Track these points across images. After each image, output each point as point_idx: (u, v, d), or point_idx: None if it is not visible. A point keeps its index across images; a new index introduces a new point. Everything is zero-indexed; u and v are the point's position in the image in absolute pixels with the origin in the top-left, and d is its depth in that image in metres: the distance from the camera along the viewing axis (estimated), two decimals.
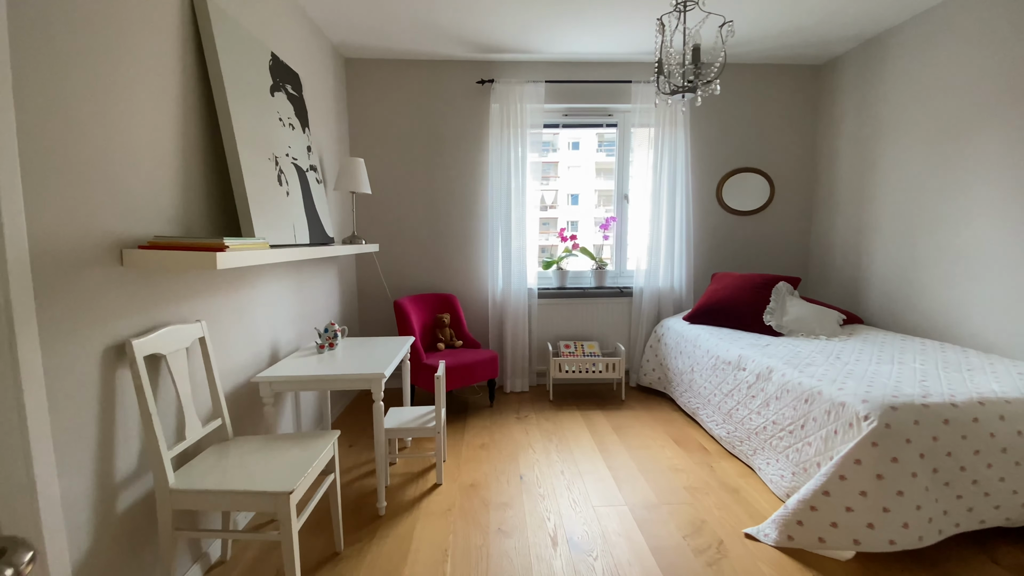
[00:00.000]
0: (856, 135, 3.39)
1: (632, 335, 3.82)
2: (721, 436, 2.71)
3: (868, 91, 3.27)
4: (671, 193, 3.66)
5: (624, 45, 3.34)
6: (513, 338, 3.63)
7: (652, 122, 3.62)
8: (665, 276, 3.72)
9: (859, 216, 3.38)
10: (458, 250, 3.71)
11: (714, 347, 2.87)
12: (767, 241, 3.90)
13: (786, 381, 2.23)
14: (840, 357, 2.42)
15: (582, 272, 3.91)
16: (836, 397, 1.94)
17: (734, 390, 2.61)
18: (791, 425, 2.15)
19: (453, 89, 3.58)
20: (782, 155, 3.83)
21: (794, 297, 3.20)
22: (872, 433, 1.73)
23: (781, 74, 3.74)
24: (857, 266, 3.41)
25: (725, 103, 3.75)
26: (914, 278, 2.95)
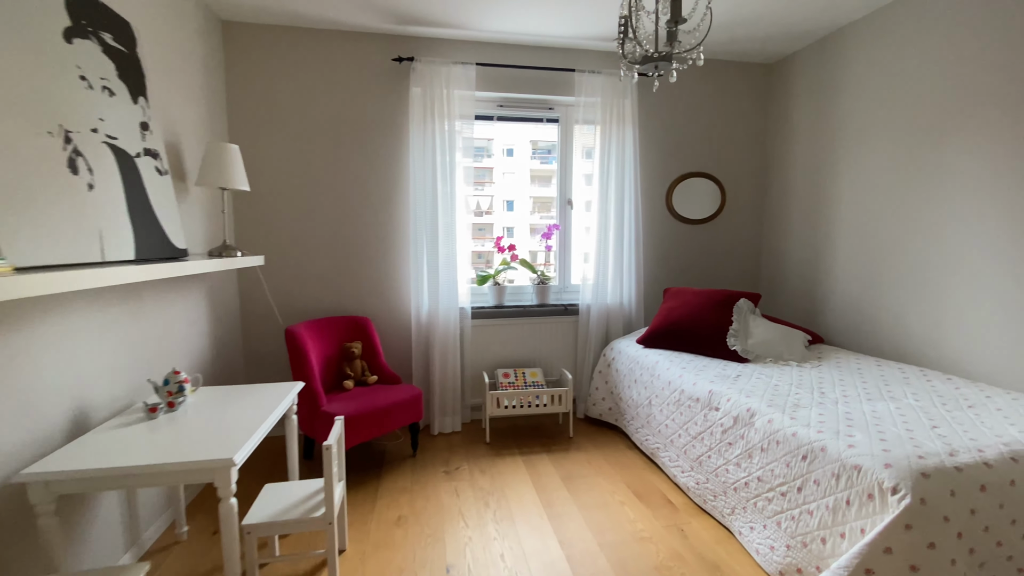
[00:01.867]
0: (811, 140, 3.14)
1: (579, 359, 3.35)
2: (689, 486, 2.27)
3: (824, 93, 3.03)
4: (619, 199, 3.24)
5: (568, 27, 2.88)
6: (442, 368, 3.03)
7: (597, 119, 3.18)
8: (614, 291, 3.29)
9: (816, 226, 3.13)
10: (373, 263, 3.05)
11: (677, 379, 2.45)
12: (719, 252, 3.59)
13: (775, 430, 1.81)
14: (825, 393, 2.06)
15: (522, 287, 3.39)
16: (847, 457, 1.53)
17: (704, 433, 2.19)
18: (783, 486, 1.74)
19: (364, 67, 2.94)
20: (733, 160, 3.54)
21: (756, 316, 2.87)
22: (906, 513, 1.32)
23: (730, 72, 3.45)
24: (815, 280, 3.16)
25: (674, 101, 3.40)
26: (879, 294, 2.71)
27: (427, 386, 3.11)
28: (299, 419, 2.53)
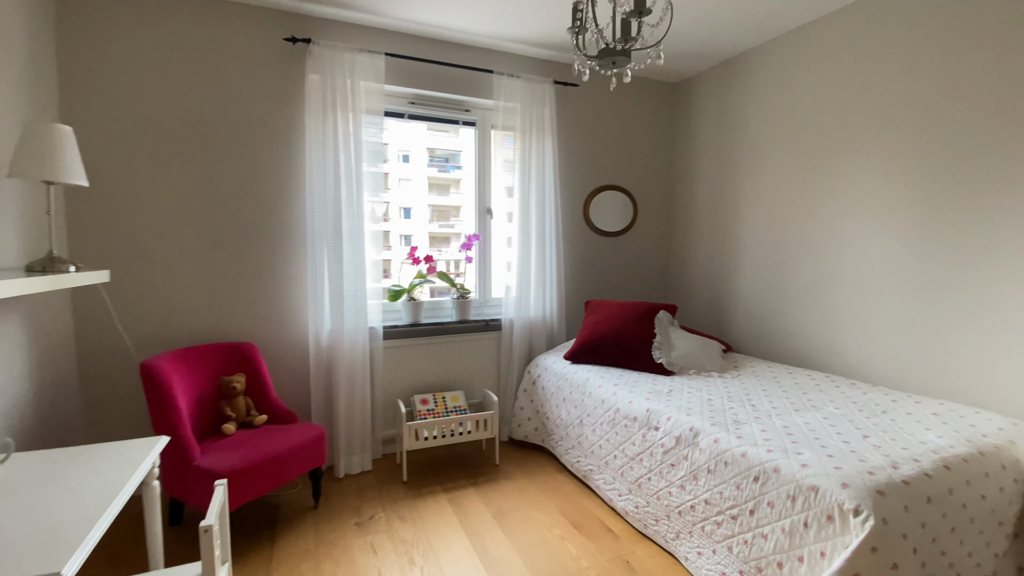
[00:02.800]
0: (716, 157, 3.29)
1: (503, 379, 3.13)
2: (627, 511, 2.16)
3: (727, 113, 3.19)
4: (540, 209, 3.10)
5: (486, 24, 2.68)
6: (348, 400, 2.62)
7: (517, 125, 3.02)
8: (537, 304, 3.14)
9: (722, 240, 3.27)
10: (259, 279, 2.56)
11: (611, 396, 2.34)
12: (632, 264, 3.63)
13: (723, 450, 1.75)
14: (756, 406, 2.07)
15: (440, 303, 3.09)
16: (803, 478, 1.49)
17: (643, 454, 2.09)
18: (734, 508, 1.67)
19: (248, 45, 2.47)
20: (644, 174, 3.60)
21: (675, 328, 2.89)
22: (872, 535, 1.28)
23: (640, 88, 3.52)
24: (721, 291, 3.29)
25: (589, 113, 3.37)
26: (782, 303, 2.87)
27: (330, 422, 2.67)
28: (163, 477, 1.98)
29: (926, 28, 2.15)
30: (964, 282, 2.06)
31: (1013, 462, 1.62)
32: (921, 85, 2.18)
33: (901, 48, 2.24)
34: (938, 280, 2.14)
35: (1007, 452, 1.63)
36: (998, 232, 1.95)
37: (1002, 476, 1.58)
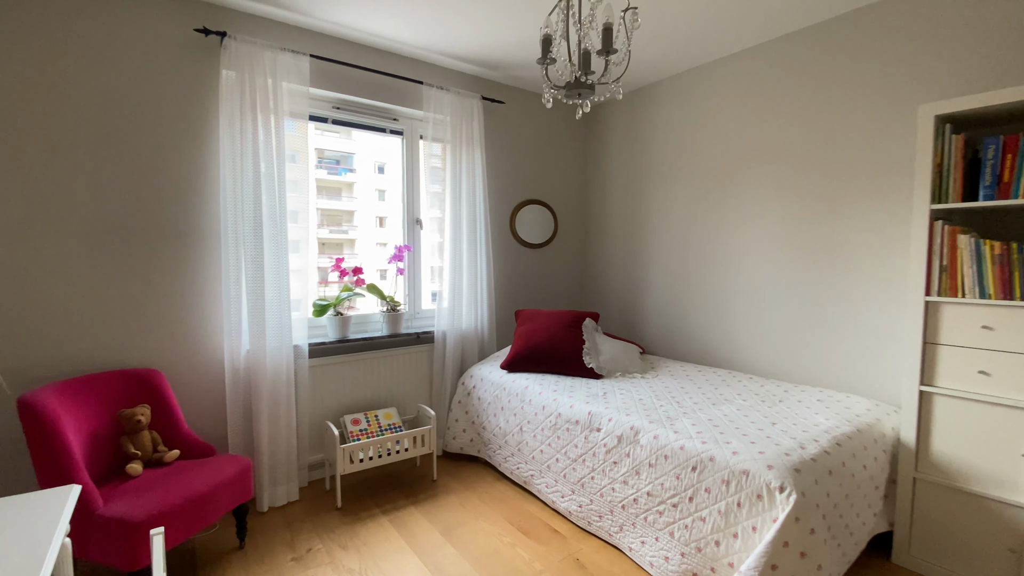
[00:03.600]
0: (627, 177, 3.59)
1: (436, 392, 3.09)
2: (571, 511, 2.26)
3: (636, 138, 3.50)
4: (471, 220, 3.14)
5: (416, 35, 2.67)
6: (271, 425, 2.40)
7: (447, 137, 3.03)
8: (469, 316, 3.15)
9: (634, 252, 3.56)
10: (163, 294, 2.26)
11: (552, 402, 2.44)
12: (554, 274, 3.80)
13: (662, 445, 1.92)
14: (681, 403, 2.30)
15: (369, 316, 2.97)
16: (735, 464, 1.70)
17: (586, 455, 2.21)
18: (675, 497, 1.85)
19: (152, 33, 2.19)
20: (563, 190, 3.81)
21: (600, 334, 3.10)
22: (796, 507, 1.51)
23: (557, 110, 3.73)
24: (633, 297, 3.58)
25: (513, 130, 3.49)
26: (687, 308, 3.21)
27: (250, 451, 2.43)
28: None
29: (795, 76, 2.58)
30: (833, 291, 2.49)
31: (880, 436, 2.00)
32: (793, 123, 2.60)
33: (777, 91, 2.66)
34: (814, 289, 2.57)
35: (876, 428, 2.01)
36: (855, 251, 2.40)
37: (875, 448, 1.94)
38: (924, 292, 1.90)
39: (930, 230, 1.87)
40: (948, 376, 1.87)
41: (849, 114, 2.40)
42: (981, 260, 1.75)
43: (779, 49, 2.66)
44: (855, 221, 2.40)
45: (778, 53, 2.66)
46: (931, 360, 1.91)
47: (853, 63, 2.38)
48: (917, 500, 1.94)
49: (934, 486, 1.90)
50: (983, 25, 1.99)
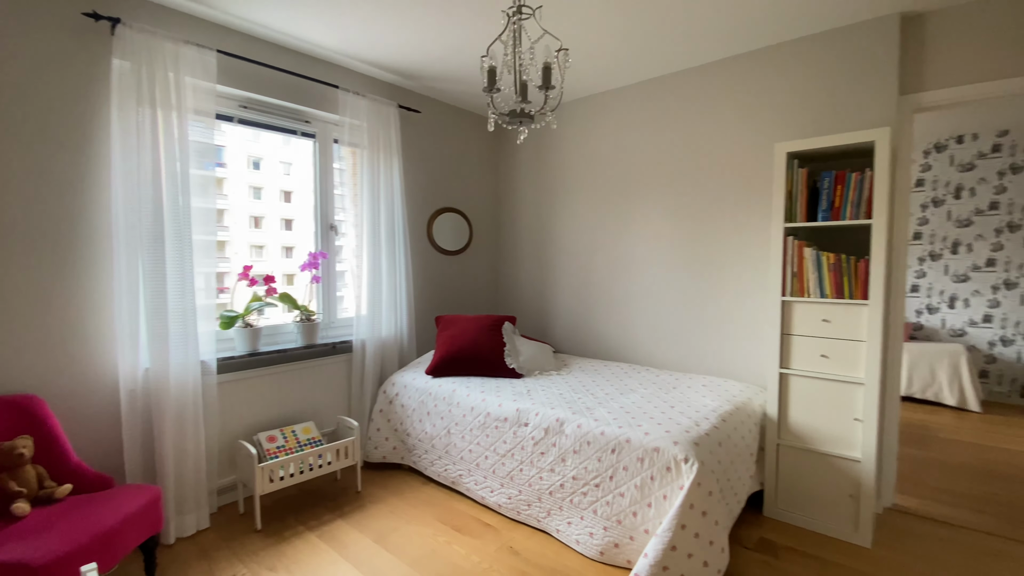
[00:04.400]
0: (535, 189, 3.85)
1: (356, 402, 3.04)
2: (501, 503, 2.40)
3: (543, 152, 3.78)
4: (390, 227, 3.14)
5: (331, 38, 2.64)
6: (177, 449, 2.20)
7: (364, 143, 3.01)
8: (389, 323, 3.15)
9: (544, 258, 3.83)
10: (45, 306, 1.97)
11: (480, 403, 2.56)
12: (470, 280, 3.93)
13: (585, 432, 2.15)
14: (595, 394, 2.57)
15: (281, 327, 2.83)
16: (647, 443, 1.97)
17: (515, 449, 2.37)
18: (597, 478, 2.08)
19: (30, 13, 1.90)
20: (476, 199, 3.96)
21: (518, 336, 3.29)
22: (698, 475, 1.81)
23: (470, 121, 3.87)
24: (543, 301, 3.84)
25: (429, 139, 3.56)
26: (592, 309, 3.54)
27: (152, 478, 2.20)
28: None
29: (682, 108, 3.02)
30: (712, 293, 2.95)
31: (752, 411, 2.43)
32: (680, 148, 3.04)
33: (668, 120, 3.09)
34: (697, 292, 3.01)
35: (749, 405, 2.44)
36: (729, 260, 2.87)
37: (749, 422, 2.36)
38: (780, 293, 2.36)
39: (784, 244, 2.34)
40: (799, 360, 2.34)
41: (724, 144, 2.87)
42: (821, 268, 2.24)
43: (669, 84, 3.08)
44: (729, 235, 2.87)
45: (668, 87, 3.09)
46: (787, 348, 2.38)
47: (727, 101, 2.85)
48: (780, 462, 2.40)
49: (792, 449, 2.37)
50: (823, 80, 2.54)
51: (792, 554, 2.12)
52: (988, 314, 4.61)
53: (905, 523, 2.37)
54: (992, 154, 4.53)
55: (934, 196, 4.83)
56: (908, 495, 2.66)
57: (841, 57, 2.47)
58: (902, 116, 2.38)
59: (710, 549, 1.82)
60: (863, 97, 2.41)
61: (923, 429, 3.73)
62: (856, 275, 2.16)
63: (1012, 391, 4.51)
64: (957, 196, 4.71)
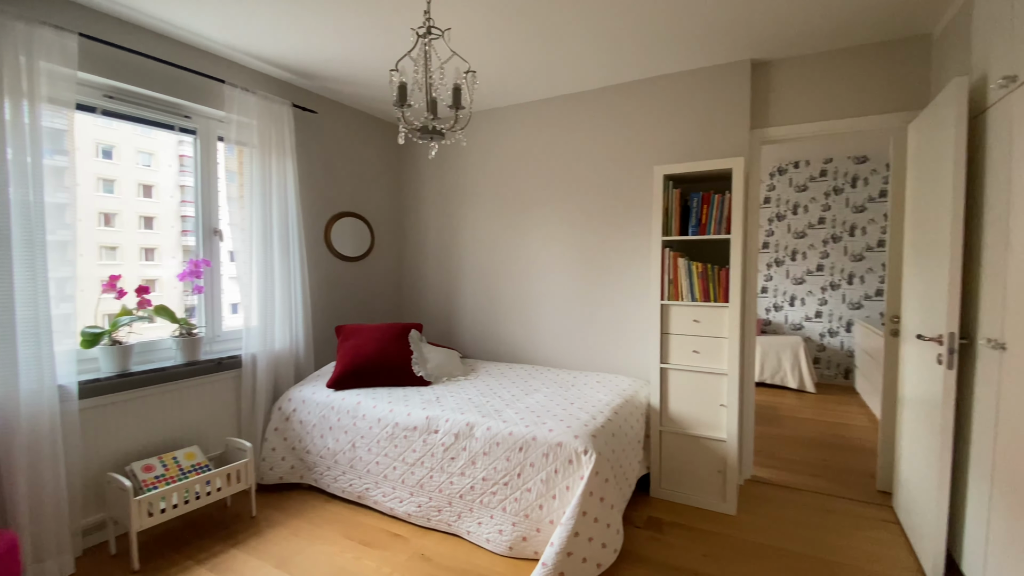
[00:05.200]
0: (440, 195, 3.89)
1: (246, 422, 2.83)
2: (411, 512, 2.41)
3: (447, 159, 3.84)
4: (283, 232, 2.98)
5: (221, 30, 2.47)
6: (33, 489, 1.89)
7: (255, 142, 2.83)
8: (283, 335, 2.98)
9: (449, 265, 3.88)
10: None
11: (388, 414, 2.54)
12: (372, 287, 3.85)
13: (494, 434, 2.24)
14: (503, 396, 2.68)
15: (157, 343, 2.55)
16: (551, 439, 2.12)
17: (425, 456, 2.39)
18: (506, 477, 2.18)
19: None
20: (378, 203, 3.89)
21: (425, 343, 3.30)
22: (596, 464, 2.00)
23: (371, 124, 3.81)
24: (449, 307, 3.90)
25: (328, 141, 3.44)
26: (498, 316, 3.68)
27: (4, 524, 1.87)
28: None
29: (577, 127, 3.27)
30: (604, 298, 3.23)
31: (639, 403, 2.71)
32: (576, 164, 3.29)
33: (565, 137, 3.32)
34: (591, 296, 3.28)
35: (636, 398, 2.72)
36: (618, 267, 3.17)
37: (636, 413, 2.63)
38: (660, 298, 2.67)
39: (662, 254, 2.65)
40: (676, 355, 2.67)
41: (613, 162, 3.17)
42: (691, 275, 2.58)
43: (564, 104, 3.32)
44: (618, 245, 3.17)
45: (563, 107, 3.32)
46: (666, 345, 2.70)
47: (613, 124, 3.15)
48: (663, 447, 2.71)
49: (672, 435, 2.69)
50: (694, 111, 2.91)
51: (675, 528, 2.41)
52: (819, 311, 5.58)
53: (761, 491, 2.80)
54: (820, 178, 5.50)
55: (777, 212, 5.73)
56: (763, 467, 3.14)
57: (708, 93, 2.86)
58: (753, 147, 2.82)
59: (607, 531, 2.01)
60: (724, 129, 2.82)
61: (773, 409, 4.41)
62: (719, 282, 2.53)
63: (837, 374, 5.49)
64: (795, 212, 5.63)
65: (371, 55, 2.73)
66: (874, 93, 2.58)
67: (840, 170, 5.40)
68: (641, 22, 2.36)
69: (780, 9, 2.25)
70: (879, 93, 2.57)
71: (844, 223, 5.41)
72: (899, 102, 2.53)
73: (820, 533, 2.36)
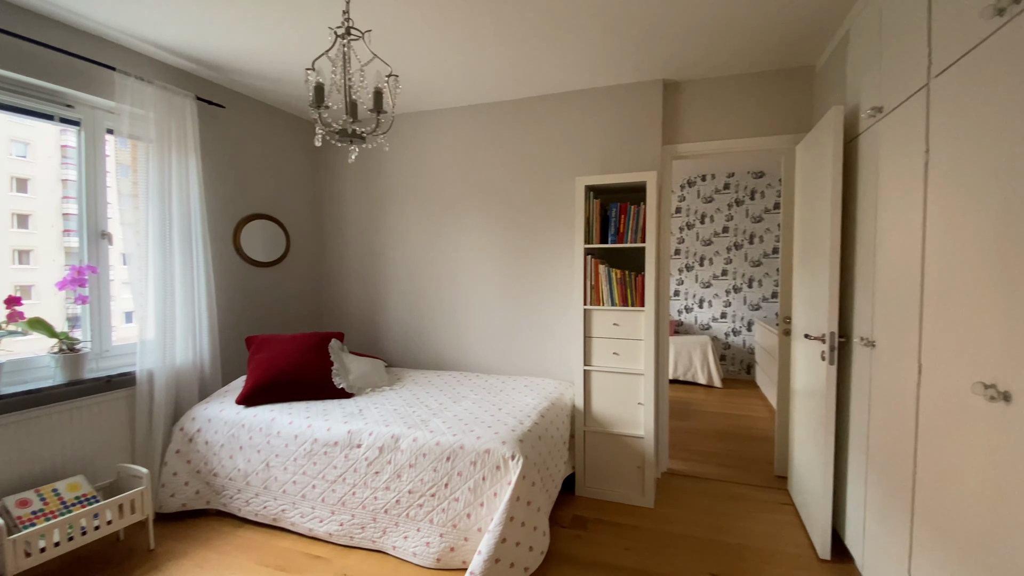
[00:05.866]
0: (362, 198, 3.76)
1: (142, 446, 2.55)
2: (332, 532, 2.30)
3: (373, 162, 3.72)
4: (185, 234, 2.74)
5: (115, 12, 2.22)
6: None
7: (151, 136, 2.58)
8: (185, 348, 2.73)
9: (374, 271, 3.76)
10: None
11: (306, 429, 2.40)
12: (288, 295, 3.63)
13: (421, 445, 2.20)
14: (430, 406, 2.64)
15: (32, 361, 2.23)
16: (479, 447, 2.12)
17: (347, 473, 2.30)
18: (433, 488, 2.15)
19: None
20: (295, 205, 3.69)
21: (347, 353, 3.17)
22: (523, 469, 2.02)
23: (287, 122, 3.61)
24: (374, 314, 3.78)
25: (238, 139, 3.20)
26: (424, 323, 3.62)
27: None
28: None
29: (504, 135, 3.31)
30: (531, 303, 3.29)
31: (565, 405, 2.79)
32: (503, 172, 3.33)
33: (493, 145, 3.35)
34: (519, 301, 3.32)
35: (562, 400, 2.80)
36: (544, 273, 3.25)
37: (562, 415, 2.71)
38: (583, 303, 2.77)
39: (584, 261, 2.75)
40: (598, 357, 2.78)
41: (539, 171, 3.24)
42: (611, 281, 2.70)
43: (491, 111, 3.34)
44: (544, 251, 3.25)
45: (491, 114, 3.35)
46: (589, 348, 2.80)
47: (540, 134, 3.23)
48: (587, 446, 2.81)
49: (595, 434, 2.79)
50: (614, 125, 3.05)
51: (598, 524, 2.50)
52: (724, 312, 6.06)
53: (676, 482, 2.99)
54: (724, 190, 5.99)
55: (687, 221, 6.16)
56: (678, 459, 3.35)
57: (625, 109, 3.02)
58: (665, 161, 3.02)
59: (534, 534, 2.04)
60: (640, 143, 2.99)
61: (685, 404, 4.73)
62: (636, 287, 2.67)
63: (741, 369, 6.00)
64: (702, 221, 6.09)
65: (285, 50, 2.59)
66: (768, 116, 2.86)
67: (741, 184, 5.92)
68: (562, 38, 2.45)
69: (685, 33, 2.43)
70: (772, 116, 2.85)
71: (744, 232, 5.94)
72: (789, 125, 2.83)
73: (726, 519, 2.55)
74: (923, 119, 1.51)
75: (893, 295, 1.71)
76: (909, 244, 1.60)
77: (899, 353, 1.66)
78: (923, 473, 1.49)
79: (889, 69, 1.78)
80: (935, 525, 1.42)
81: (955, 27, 1.34)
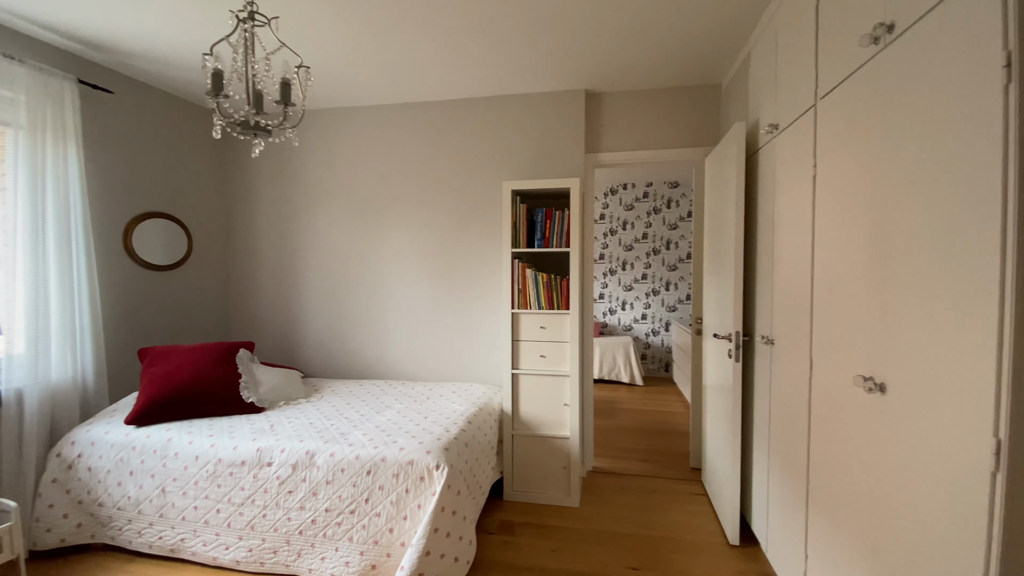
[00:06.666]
0: (277, 197, 3.53)
1: (10, 476, 2.19)
2: (239, 559, 2.11)
3: (287, 159, 3.50)
4: (63, 233, 2.41)
5: None
6: None
7: (21, 122, 2.25)
8: (62, 363, 2.40)
9: (289, 275, 3.53)
10: None
11: (208, 449, 2.19)
12: (191, 302, 3.32)
13: (339, 460, 2.08)
14: (349, 417, 2.51)
15: None
16: (402, 458, 2.04)
17: (256, 494, 2.12)
18: (352, 504, 2.04)
19: None
20: (198, 203, 3.38)
21: (257, 364, 2.94)
22: (448, 479, 1.98)
23: (187, 108, 3.30)
24: (289, 322, 3.55)
25: (129, 128, 2.87)
26: (346, 330, 3.45)
27: None
28: None
29: (432, 137, 3.25)
30: (460, 308, 3.24)
31: (493, 410, 2.77)
32: (430, 174, 3.26)
33: (420, 147, 3.27)
34: (447, 306, 3.27)
35: (490, 405, 2.78)
36: (473, 278, 3.22)
37: (490, 419, 2.68)
38: (511, 306, 2.78)
39: (512, 266, 2.76)
40: (525, 361, 2.79)
41: (466, 174, 3.21)
42: (538, 285, 2.73)
43: (415, 111, 3.26)
44: (471, 255, 3.22)
45: (414, 113, 3.27)
46: (517, 351, 2.80)
47: (467, 137, 3.20)
48: (515, 450, 2.81)
49: (523, 437, 2.80)
50: (540, 131, 3.09)
51: (526, 528, 2.51)
52: (644, 313, 6.36)
53: (601, 480, 3.07)
54: (643, 199, 6.30)
55: (610, 227, 6.41)
56: (602, 457, 3.45)
57: (550, 116, 3.07)
58: (588, 169, 3.11)
59: (460, 544, 2.00)
60: (564, 150, 3.06)
61: (609, 403, 4.89)
62: (561, 290, 2.72)
63: (660, 368, 6.32)
64: (624, 228, 6.36)
65: (183, 31, 2.36)
66: (681, 129, 3.03)
67: (659, 193, 6.26)
68: (484, 42, 2.44)
69: (600, 45, 2.51)
70: (684, 129, 3.03)
71: (662, 238, 6.28)
72: (699, 138, 3.02)
73: (647, 513, 2.66)
74: (811, 136, 1.66)
75: (788, 297, 1.87)
76: (800, 251, 1.75)
77: (794, 350, 1.81)
78: (815, 460, 1.63)
79: (784, 89, 1.94)
80: (825, 506, 1.56)
81: (839, 52, 1.49)
